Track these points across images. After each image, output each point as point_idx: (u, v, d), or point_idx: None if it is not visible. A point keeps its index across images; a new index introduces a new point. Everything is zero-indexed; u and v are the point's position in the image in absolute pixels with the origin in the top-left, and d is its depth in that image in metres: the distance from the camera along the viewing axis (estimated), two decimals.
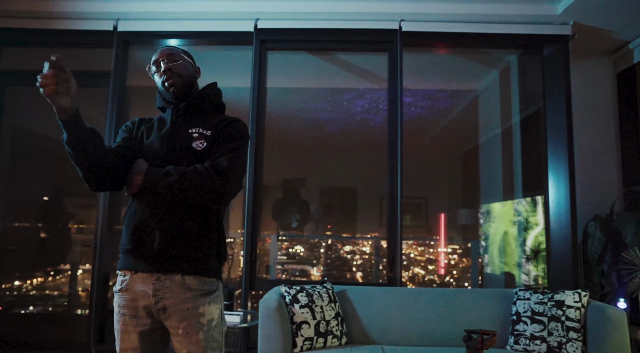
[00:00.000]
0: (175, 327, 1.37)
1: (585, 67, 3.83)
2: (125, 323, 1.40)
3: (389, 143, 3.53)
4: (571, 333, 2.47)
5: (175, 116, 1.51)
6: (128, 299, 1.40)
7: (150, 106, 5.17)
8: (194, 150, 1.44)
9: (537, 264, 3.92)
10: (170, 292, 1.37)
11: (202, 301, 1.38)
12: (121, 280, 1.43)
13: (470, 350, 1.79)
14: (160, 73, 1.52)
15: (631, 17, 3.28)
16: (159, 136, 1.49)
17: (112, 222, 3.53)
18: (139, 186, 1.39)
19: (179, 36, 3.60)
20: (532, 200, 4.05)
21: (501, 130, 4.62)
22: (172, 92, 1.51)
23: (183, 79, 1.52)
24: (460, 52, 4.05)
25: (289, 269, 6.17)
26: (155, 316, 1.40)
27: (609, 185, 3.67)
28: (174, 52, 1.55)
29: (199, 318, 1.37)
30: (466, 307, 2.79)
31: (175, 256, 1.37)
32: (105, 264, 3.45)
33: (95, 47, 3.73)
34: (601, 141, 3.79)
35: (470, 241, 5.99)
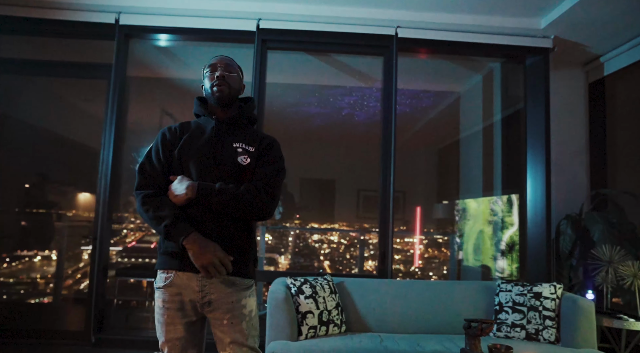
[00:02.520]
0: (220, 318, 1.53)
1: (561, 76, 4.14)
2: (171, 316, 1.54)
3: (382, 142, 3.73)
4: (547, 321, 2.78)
5: (218, 129, 1.63)
6: (173, 294, 1.54)
7: (147, 97, 5.18)
8: (240, 165, 1.58)
9: (511, 258, 4.26)
10: (215, 288, 1.52)
11: (243, 294, 1.56)
12: (164, 277, 1.56)
13: (470, 337, 2.04)
14: (213, 77, 1.63)
15: (603, 34, 3.60)
16: (204, 148, 1.60)
17: (111, 213, 3.59)
18: (189, 199, 1.51)
19: (181, 32, 3.66)
20: (508, 200, 4.37)
21: (482, 127, 4.91)
22: (217, 98, 1.63)
23: (231, 90, 1.64)
24: (448, 58, 4.27)
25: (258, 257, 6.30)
26: (198, 309, 1.55)
27: (579, 187, 4.03)
28: (232, 64, 1.68)
29: (241, 309, 1.54)
30: (454, 298, 3.06)
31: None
32: (105, 255, 3.52)
33: (96, 39, 3.72)
34: (573, 146, 4.13)
35: (446, 235, 6.33)
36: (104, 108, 3.64)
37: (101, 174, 3.54)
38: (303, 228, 7.17)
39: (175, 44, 4.06)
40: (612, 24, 3.44)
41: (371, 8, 3.57)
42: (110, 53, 3.66)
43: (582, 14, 3.30)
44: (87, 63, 3.97)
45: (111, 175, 3.52)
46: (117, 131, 3.58)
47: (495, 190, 4.56)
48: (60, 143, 4.96)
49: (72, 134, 5.07)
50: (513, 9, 3.48)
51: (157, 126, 5.81)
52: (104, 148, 3.58)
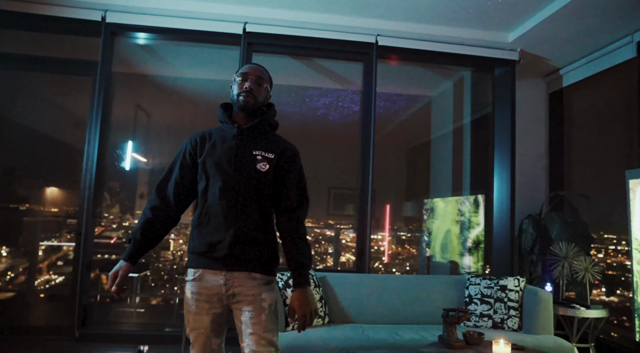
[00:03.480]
0: (242, 309, 1.65)
1: (525, 85, 4.46)
2: (199, 306, 1.66)
3: (361, 143, 3.93)
4: (511, 311, 3.07)
5: (239, 137, 1.73)
6: (202, 287, 1.66)
7: (122, 93, 5.12)
8: (258, 171, 1.70)
9: (477, 256, 4.57)
10: (239, 281, 1.65)
11: (263, 289, 1.67)
12: (193, 272, 1.69)
13: (447, 324, 2.26)
14: (242, 87, 1.72)
15: (563, 49, 3.94)
16: (224, 156, 1.70)
17: (95, 209, 3.62)
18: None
19: (168, 32, 3.71)
20: (475, 201, 4.68)
21: (452, 129, 5.20)
22: (240, 107, 1.73)
23: (256, 102, 1.73)
24: (422, 65, 4.51)
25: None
26: (224, 301, 1.68)
27: (539, 189, 4.38)
28: (263, 76, 1.77)
29: (261, 303, 1.65)
30: (428, 291, 3.30)
31: (242, 259, 1.65)
32: (89, 250, 3.55)
33: (82, 36, 3.73)
34: (534, 150, 4.47)
35: (417, 232, 6.62)
36: (77, 103, 3.65)
37: (85, 171, 3.56)
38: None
39: (156, 42, 4.10)
40: (571, 41, 3.77)
41: (354, 17, 3.75)
42: (92, 50, 3.69)
43: (546, 31, 3.61)
44: (68, 59, 3.95)
45: (96, 171, 3.54)
46: (102, 128, 3.60)
47: (464, 190, 4.86)
48: (33, 137, 4.87)
49: (44, 128, 4.99)
50: (485, 23, 3.75)
51: (131, 121, 5.79)
52: (88, 144, 3.60)
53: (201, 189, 1.72)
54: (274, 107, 1.85)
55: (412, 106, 6.10)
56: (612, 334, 3.74)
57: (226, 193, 1.66)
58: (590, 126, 4.33)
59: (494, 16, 3.60)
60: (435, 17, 3.69)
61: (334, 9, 3.64)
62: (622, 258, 3.94)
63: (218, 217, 1.66)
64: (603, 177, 4.09)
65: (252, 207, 1.68)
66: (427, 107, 5.73)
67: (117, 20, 3.61)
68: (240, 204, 1.66)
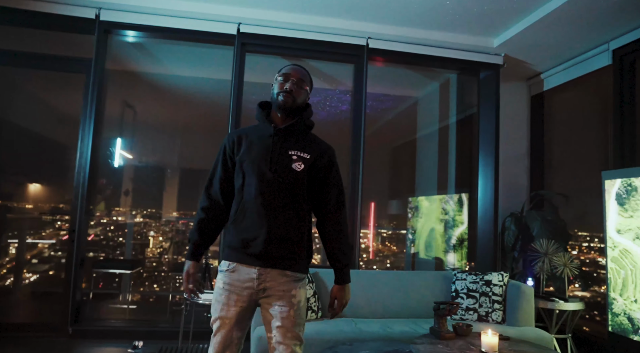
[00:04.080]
0: (271, 303, 1.72)
1: (508, 88, 4.63)
2: (229, 297, 1.71)
3: (351, 141, 4.05)
4: (495, 304, 3.22)
5: (276, 137, 1.78)
6: (235, 279, 1.72)
7: (120, 90, 5.11)
8: (294, 171, 1.75)
9: (461, 253, 4.74)
10: (271, 277, 1.71)
11: (294, 285, 1.74)
12: (228, 263, 1.75)
13: (439, 316, 2.39)
14: (282, 87, 1.77)
15: (545, 55, 4.12)
16: (262, 155, 1.75)
17: (89, 206, 3.63)
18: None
19: (162, 31, 3.74)
20: (459, 200, 4.84)
21: (437, 129, 5.34)
22: (279, 106, 1.78)
23: (294, 103, 1.78)
24: (410, 67, 4.64)
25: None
26: (253, 296, 1.73)
27: (521, 188, 4.57)
28: (304, 79, 1.82)
29: (291, 299, 1.72)
30: (416, 286, 3.43)
31: (275, 256, 1.71)
32: (82, 247, 3.57)
33: (75, 33, 3.73)
34: (516, 151, 4.66)
35: (403, 230, 6.77)
36: (61, 99, 3.65)
37: (79, 168, 3.57)
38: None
39: (148, 40, 4.12)
40: (552, 48, 3.95)
41: (345, 20, 3.85)
42: (78, 46, 3.69)
43: (529, 38, 3.77)
44: (57, 56, 3.95)
45: (90, 169, 3.56)
46: (96, 126, 3.62)
47: (449, 188, 5.02)
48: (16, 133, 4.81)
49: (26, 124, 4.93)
50: (471, 29, 3.89)
51: (118, 118, 5.77)
52: (81, 141, 3.61)
53: (238, 187, 1.77)
54: (311, 107, 1.87)
55: (398, 106, 6.24)
56: (584, 328, 3.95)
57: (262, 192, 1.70)
58: (569, 128, 4.53)
59: (480, 22, 3.75)
60: (424, 22, 3.81)
61: (327, 12, 3.73)
62: (595, 254, 4.16)
63: (253, 214, 1.71)
64: (581, 177, 4.30)
65: (286, 206, 1.73)
66: (413, 107, 5.87)
67: (111, 19, 3.63)
68: (275, 202, 1.71)
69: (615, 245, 3.07)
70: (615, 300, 3.04)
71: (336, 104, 6.49)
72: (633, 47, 3.53)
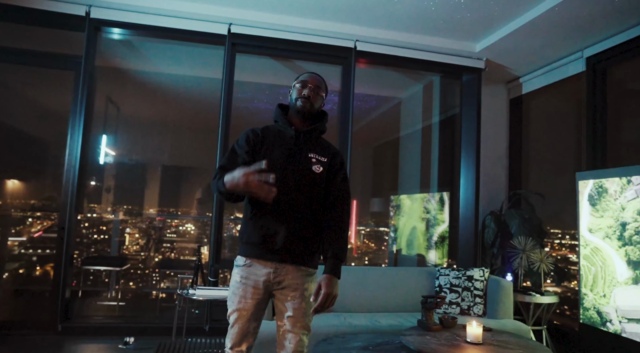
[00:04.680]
0: (286, 294, 1.82)
1: (489, 91, 4.80)
2: (246, 291, 1.80)
3: (339, 141, 4.16)
4: (477, 299, 3.39)
5: (297, 140, 1.89)
6: (252, 273, 1.81)
7: (104, 87, 5.07)
8: (314, 172, 1.86)
9: (442, 250, 4.91)
10: (287, 272, 1.82)
11: (306, 279, 1.85)
12: (244, 259, 1.83)
13: (426, 310, 2.52)
14: (300, 93, 1.87)
15: (524, 60, 4.31)
16: (285, 155, 1.85)
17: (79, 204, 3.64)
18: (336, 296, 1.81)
19: (153, 30, 3.76)
20: (440, 200, 5.01)
21: (420, 129, 5.50)
22: (298, 111, 1.88)
23: (312, 109, 1.89)
24: (395, 69, 4.77)
25: (179, 247, 6.35)
26: (269, 288, 1.83)
27: (500, 187, 4.76)
28: (321, 86, 1.93)
29: (303, 291, 1.83)
30: (402, 281, 3.57)
31: (292, 252, 1.81)
32: (72, 245, 3.57)
33: (65, 30, 3.72)
34: (496, 152, 4.84)
35: (374, 227, 6.92)
36: (43, 94, 3.64)
37: (69, 166, 3.57)
38: (228, 218, 7.04)
39: (137, 38, 4.13)
40: (531, 54, 4.14)
41: (334, 22, 3.94)
42: (68, 44, 3.67)
43: (509, 43, 3.95)
44: (46, 52, 3.93)
45: (79, 166, 3.56)
46: (85, 123, 3.62)
47: (432, 187, 5.18)
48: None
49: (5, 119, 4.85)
50: (455, 34, 4.04)
51: (101, 114, 5.73)
52: (70, 138, 3.61)
53: None
54: (327, 116, 2.00)
55: (382, 106, 6.37)
56: (555, 322, 4.16)
57: (283, 190, 1.77)
58: (545, 130, 4.74)
59: (463, 28, 3.90)
60: (410, 26, 3.94)
61: (316, 15, 3.82)
62: (566, 251, 4.39)
63: (273, 212, 1.80)
64: (556, 177, 4.51)
65: (304, 205, 1.83)
66: (397, 107, 6.02)
67: (102, 16, 3.63)
68: (295, 201, 1.81)
69: (587, 244, 3.27)
70: (586, 295, 3.24)
71: None
72: (605, 55, 3.74)
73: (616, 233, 3.01)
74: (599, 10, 3.27)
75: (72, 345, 3.33)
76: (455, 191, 4.61)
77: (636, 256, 2.85)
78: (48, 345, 3.30)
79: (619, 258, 2.98)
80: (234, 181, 1.61)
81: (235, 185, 1.61)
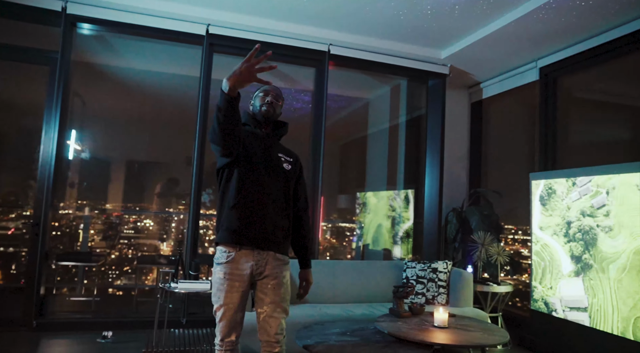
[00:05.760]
0: (266, 283, 1.99)
1: (452, 95, 5.10)
2: (231, 285, 1.95)
3: (312, 140, 4.33)
4: (440, 289, 3.66)
5: (269, 142, 2.12)
6: (234, 268, 1.96)
7: (85, 81, 5.01)
8: (285, 169, 2.11)
9: (407, 245, 5.20)
10: (267, 261, 1.99)
11: (284, 268, 2.05)
12: (226, 255, 1.97)
13: (397, 298, 2.75)
14: (264, 100, 2.10)
15: (484, 67, 4.64)
16: (262, 154, 2.06)
17: (54, 200, 3.63)
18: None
19: (130, 27, 3.78)
20: (406, 198, 5.29)
21: (389, 126, 5.74)
22: (262, 115, 2.10)
23: (274, 114, 2.14)
24: (365, 72, 4.98)
25: (137, 244, 6.33)
26: (252, 279, 1.99)
27: (462, 185, 5.09)
28: (280, 95, 2.17)
29: (282, 279, 2.02)
30: (372, 274, 3.80)
31: (271, 240, 1.99)
32: (47, 241, 3.57)
33: (41, 24, 3.69)
34: (458, 152, 5.17)
35: (336, 223, 7.13)
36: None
37: (44, 162, 3.56)
38: (186, 213, 6.89)
39: (112, 34, 4.13)
40: (491, 62, 4.46)
41: (309, 26, 4.10)
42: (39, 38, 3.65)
43: (471, 52, 4.25)
44: (20, 46, 3.88)
45: (55, 162, 3.56)
46: (61, 119, 3.62)
47: (399, 184, 5.46)
48: None
49: None
50: (422, 41, 4.29)
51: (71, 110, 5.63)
52: (45, 134, 3.60)
53: (239, 175, 2.00)
54: (287, 126, 2.26)
55: (350, 105, 6.59)
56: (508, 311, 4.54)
57: (261, 184, 2.00)
58: (503, 133, 5.11)
59: (431, 37, 4.16)
60: (381, 33, 4.16)
61: (292, 19, 3.96)
62: (519, 246, 4.77)
63: (254, 203, 1.98)
64: (511, 177, 4.88)
65: (279, 198, 2.05)
66: (364, 107, 6.25)
67: (78, 12, 3.63)
68: (272, 193, 2.03)
69: (537, 240, 3.61)
70: (536, 287, 3.59)
71: (291, 102, 6.74)
72: (557, 66, 4.11)
73: (562, 230, 3.36)
74: (551, 27, 3.61)
75: (49, 341, 3.35)
76: (420, 188, 4.90)
77: (578, 252, 3.20)
78: (24, 342, 3.30)
79: (564, 253, 3.33)
80: (235, 73, 1.74)
81: (237, 74, 1.74)
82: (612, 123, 4.00)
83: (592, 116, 4.19)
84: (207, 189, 4.79)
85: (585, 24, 3.52)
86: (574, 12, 3.35)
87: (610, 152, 3.89)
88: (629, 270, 2.78)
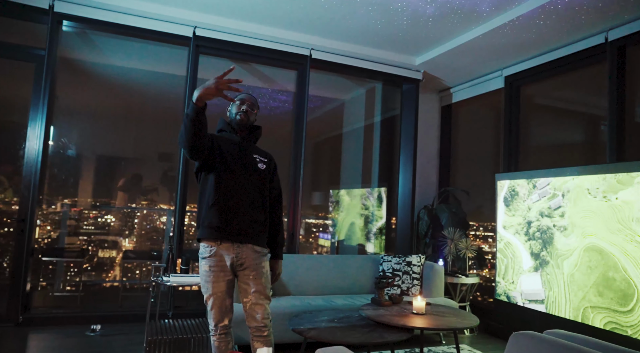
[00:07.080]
0: (248, 274, 2.18)
1: (424, 98, 5.41)
2: (217, 275, 2.14)
3: (294, 139, 4.52)
4: (414, 281, 3.94)
5: (245, 145, 2.31)
6: (217, 260, 2.15)
7: (71, 79, 5.00)
8: (260, 169, 2.30)
9: (380, 243, 5.47)
10: (246, 254, 2.17)
11: (263, 259, 2.24)
12: (209, 250, 2.15)
13: (379, 289, 2.99)
14: (240, 109, 2.28)
15: (454, 74, 4.96)
16: (238, 155, 2.25)
17: (40, 196, 3.66)
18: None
19: (118, 27, 3.84)
20: (379, 197, 5.56)
21: (364, 125, 5.98)
22: (237, 123, 2.29)
23: (249, 121, 2.33)
24: (342, 75, 5.20)
25: (97, 240, 6.31)
26: (234, 270, 2.18)
27: (432, 184, 5.41)
28: (255, 104, 2.36)
29: (262, 269, 2.21)
30: (351, 267, 4.04)
31: (249, 234, 2.18)
32: (32, 237, 3.60)
33: (28, 21, 3.70)
34: (429, 152, 5.49)
35: (306, 219, 7.33)
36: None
37: (29, 158, 3.59)
38: (151, 209, 6.56)
39: (98, 33, 4.17)
40: (460, 69, 4.79)
41: (292, 31, 4.28)
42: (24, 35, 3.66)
43: (443, 60, 4.55)
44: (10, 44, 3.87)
45: (41, 158, 3.59)
46: (48, 115, 3.65)
47: (373, 182, 5.72)
48: None
49: None
50: (398, 48, 4.56)
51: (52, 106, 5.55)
52: (31, 130, 3.62)
53: (216, 176, 2.18)
54: (261, 129, 2.45)
55: (325, 105, 6.80)
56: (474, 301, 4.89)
57: (239, 183, 2.20)
58: (471, 135, 5.46)
59: (405, 44, 4.43)
60: (359, 39, 4.39)
61: (277, 24, 4.13)
62: (480, 242, 5.13)
63: (232, 199, 2.17)
64: (478, 176, 5.24)
65: (255, 195, 2.24)
66: (340, 107, 6.48)
67: (66, 10, 3.66)
68: (248, 192, 2.22)
69: (501, 238, 3.95)
70: (499, 282, 3.93)
71: (268, 101, 6.88)
72: (520, 75, 4.47)
73: (524, 229, 3.70)
74: (515, 41, 3.94)
75: (37, 335, 3.39)
76: (394, 186, 5.18)
77: (537, 249, 3.54)
78: (10, 337, 3.33)
79: (525, 250, 3.67)
80: (205, 86, 1.92)
81: (206, 88, 1.91)
82: (568, 128, 4.40)
83: (551, 122, 4.59)
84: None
85: (546, 39, 3.88)
86: (534, 30, 3.70)
87: (566, 154, 4.28)
88: (579, 266, 3.13)
